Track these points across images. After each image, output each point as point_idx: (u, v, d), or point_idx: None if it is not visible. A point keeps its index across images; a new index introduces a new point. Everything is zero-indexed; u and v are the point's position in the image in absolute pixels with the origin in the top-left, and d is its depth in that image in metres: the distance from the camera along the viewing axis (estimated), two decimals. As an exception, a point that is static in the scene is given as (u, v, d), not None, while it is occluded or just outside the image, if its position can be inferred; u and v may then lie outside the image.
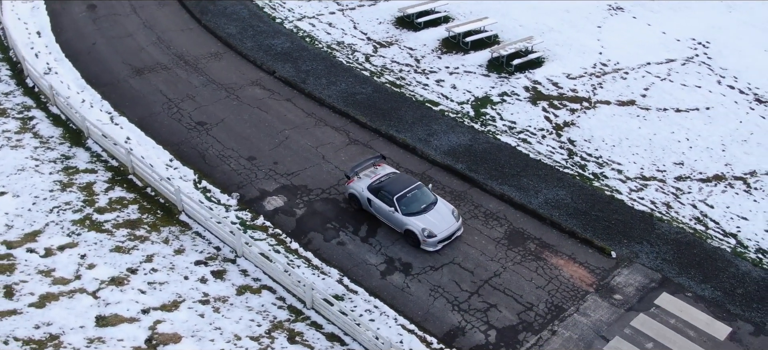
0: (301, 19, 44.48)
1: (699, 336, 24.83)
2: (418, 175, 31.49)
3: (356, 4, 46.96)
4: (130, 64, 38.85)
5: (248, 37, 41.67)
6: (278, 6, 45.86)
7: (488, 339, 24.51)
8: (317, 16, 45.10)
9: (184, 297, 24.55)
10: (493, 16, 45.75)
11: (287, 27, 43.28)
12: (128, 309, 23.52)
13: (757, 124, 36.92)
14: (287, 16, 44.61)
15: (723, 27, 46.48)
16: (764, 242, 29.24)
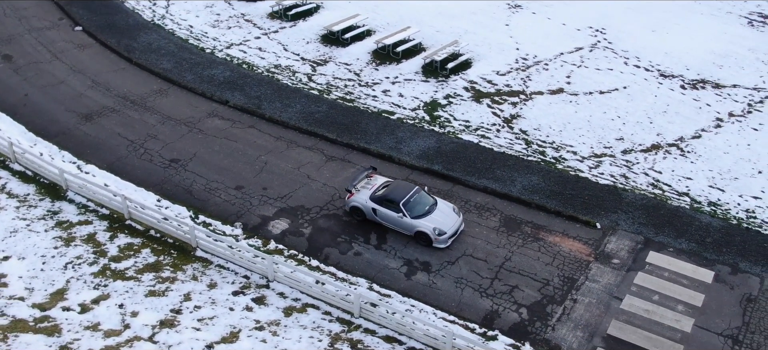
0: (229, 47, 44.96)
1: (691, 283, 28.56)
2: (402, 180, 33.31)
3: (278, 26, 47.92)
4: (75, 111, 37.95)
5: (186, 71, 41.71)
6: (202, 36, 45.98)
7: (522, 317, 26.93)
8: (244, 42, 45.72)
9: (239, 327, 25.17)
10: (408, 24, 48.24)
11: (219, 56, 43.66)
12: (192, 347, 23.88)
13: (668, 96, 41.86)
14: (215, 46, 44.93)
15: (611, 14, 51.73)
16: (712, 196, 33.70)
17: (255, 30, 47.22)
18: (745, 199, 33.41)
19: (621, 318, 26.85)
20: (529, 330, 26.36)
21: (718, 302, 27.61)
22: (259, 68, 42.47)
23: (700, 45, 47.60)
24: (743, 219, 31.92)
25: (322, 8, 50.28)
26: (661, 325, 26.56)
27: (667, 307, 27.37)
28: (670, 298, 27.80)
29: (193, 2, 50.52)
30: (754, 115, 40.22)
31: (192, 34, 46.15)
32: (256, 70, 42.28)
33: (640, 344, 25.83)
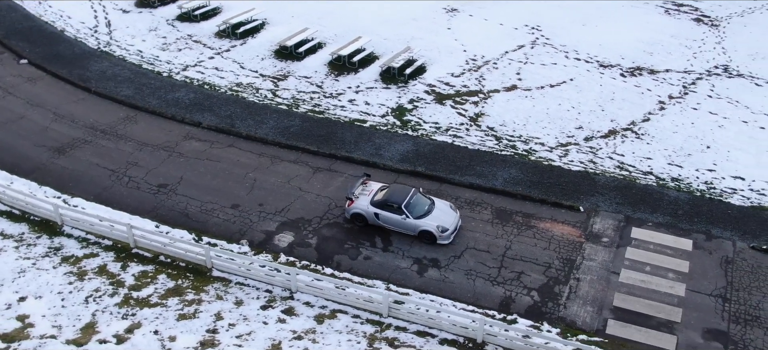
0: (185, 69, 45.02)
1: (675, 252, 31.35)
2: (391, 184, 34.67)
3: (228, 45, 48.27)
4: (45, 145, 37.29)
5: (149, 96, 41.58)
6: (154, 60, 45.78)
7: (534, 299, 28.90)
8: (199, 63, 45.85)
9: (278, 339, 25.93)
10: (354, 34, 49.58)
11: (178, 79, 43.69)
12: (240, 363, 24.50)
13: (612, 84, 45.05)
14: (170, 69, 44.88)
15: (543, 12, 54.83)
16: (672, 172, 36.82)
17: (206, 50, 47.35)
18: (701, 173, 36.65)
19: (622, 290, 29.19)
20: (543, 310, 28.28)
21: (702, 267, 30.43)
22: (222, 87, 42.77)
23: (629, 35, 51.20)
24: (705, 191, 35.07)
25: (268, 24, 50.89)
26: (658, 293, 29.08)
27: (659, 276, 29.93)
28: (661, 268, 30.40)
29: (137, 27, 50.04)
30: (690, 96, 43.86)
31: (144, 59, 45.84)
32: (219, 89, 42.56)
33: (645, 311, 28.20)
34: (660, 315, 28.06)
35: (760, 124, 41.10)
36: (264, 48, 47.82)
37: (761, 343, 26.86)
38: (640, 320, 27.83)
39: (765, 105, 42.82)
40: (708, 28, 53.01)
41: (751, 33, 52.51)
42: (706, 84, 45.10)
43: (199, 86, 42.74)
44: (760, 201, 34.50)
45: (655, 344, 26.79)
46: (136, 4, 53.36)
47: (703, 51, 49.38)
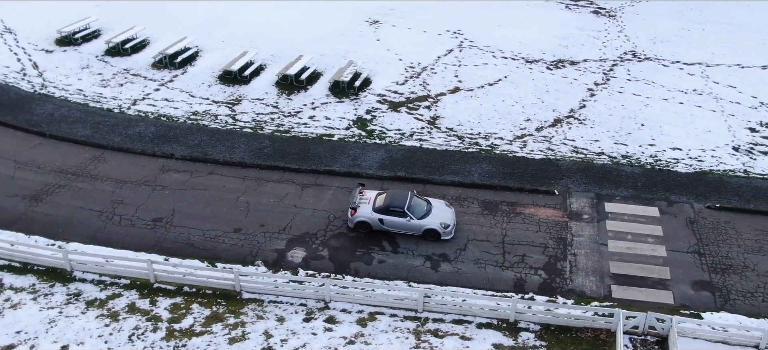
0: (134, 103, 44.83)
1: (647, 219, 35.30)
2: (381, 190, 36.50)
3: (170, 75, 48.35)
4: (18, 195, 36.45)
5: (108, 134, 41.22)
6: (99, 98, 45.11)
7: (542, 277, 31.85)
8: (146, 96, 45.74)
9: (333, 346, 27.40)
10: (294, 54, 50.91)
11: (131, 114, 43.52)
12: (310, 374, 25.83)
13: (542, 78, 49.06)
14: (119, 105, 44.53)
15: (458, 17, 58.33)
16: (620, 151, 41.00)
17: (149, 82, 47.20)
18: (645, 148, 41.04)
19: (615, 259, 32.67)
20: (554, 286, 31.24)
21: (673, 229, 34.49)
22: (179, 118, 43.02)
23: (542, 32, 55.57)
24: (653, 164, 39.40)
25: (202, 52, 51.22)
26: (645, 256, 32.78)
27: (641, 242, 33.68)
28: (639, 235, 34.19)
29: (67, 66, 49.03)
30: (612, 81, 48.54)
31: (87, 98, 45.18)
32: (177, 120, 42.80)
33: (639, 274, 31.79)
34: (653, 275, 31.67)
35: (678, 100, 46.19)
36: (206, 75, 48.20)
37: (740, 287, 31.02)
38: (638, 282, 31.29)
39: (677, 82, 48.12)
40: (607, 19, 58.32)
41: (644, 20, 58.30)
42: (622, 69, 49.95)
43: (156, 119, 42.73)
44: (700, 166, 39.15)
45: (656, 300, 30.28)
46: (56, 43, 52.05)
47: (610, 40, 54.45)
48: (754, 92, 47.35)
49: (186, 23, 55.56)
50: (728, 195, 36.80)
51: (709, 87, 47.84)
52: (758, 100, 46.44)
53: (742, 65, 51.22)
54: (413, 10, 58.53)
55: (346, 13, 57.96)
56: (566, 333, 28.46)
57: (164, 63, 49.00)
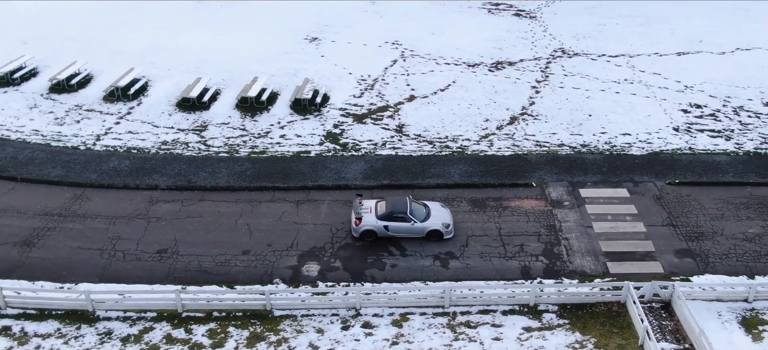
0: (98, 139, 44.36)
1: (619, 200, 38.75)
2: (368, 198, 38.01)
3: (125, 108, 48.03)
4: (7, 243, 35.57)
5: (82, 171, 40.51)
6: (59, 136, 44.14)
7: (544, 263, 34.54)
8: (108, 131, 45.28)
9: (378, 348, 29.00)
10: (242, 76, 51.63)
11: (99, 150, 43.03)
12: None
13: (488, 80, 52.13)
14: (83, 141, 43.91)
15: (394, 29, 60.62)
16: (578, 141, 44.49)
17: (106, 117, 46.73)
18: (598, 136, 44.70)
19: (603, 239, 35.80)
20: (557, 269, 33.97)
21: (644, 206, 38.07)
22: (150, 149, 43.01)
23: (474, 37, 58.74)
24: (610, 150, 43.06)
25: (151, 80, 51.03)
26: (628, 233, 36.11)
27: (621, 221, 37.02)
28: (618, 214, 37.55)
29: (12, 107, 47.74)
30: (550, 78, 52.22)
31: (46, 137, 44.29)
32: (148, 151, 42.79)
33: (627, 249, 35.04)
34: (639, 250, 34.98)
35: (614, 90, 50.34)
36: (163, 104, 48.18)
37: (715, 251, 34.81)
38: (628, 257, 34.51)
39: (608, 74, 52.38)
40: (529, 20, 62.26)
41: (563, 19, 62.63)
42: (556, 66, 53.75)
43: (126, 152, 42.53)
44: (650, 148, 43.14)
45: (648, 271, 33.56)
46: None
47: (538, 39, 58.29)
48: (677, 77, 52.17)
49: (123, 54, 55.01)
50: (682, 171, 40.81)
51: (637, 76, 52.27)
52: (682, 84, 51.22)
53: (659, 54, 56.16)
54: (347, 25, 60.25)
55: (283, 32, 58.95)
56: (582, 309, 31.11)
57: (117, 96, 48.51)
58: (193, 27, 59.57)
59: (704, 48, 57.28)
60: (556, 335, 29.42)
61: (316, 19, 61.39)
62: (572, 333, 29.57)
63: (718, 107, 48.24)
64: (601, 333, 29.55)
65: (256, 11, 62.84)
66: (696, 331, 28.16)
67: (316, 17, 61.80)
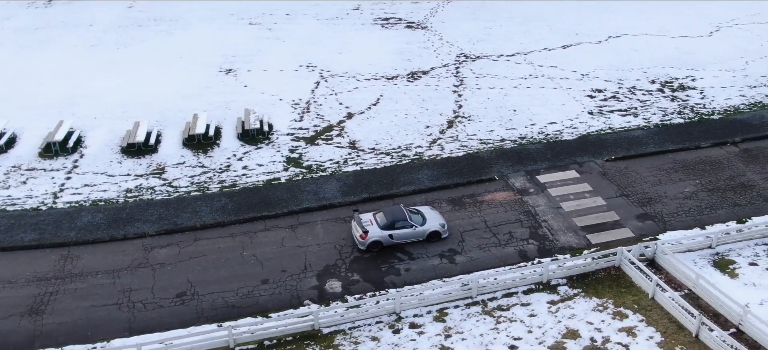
0: (57, 196, 43.30)
1: (573, 180, 43.94)
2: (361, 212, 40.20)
3: (69, 162, 46.96)
4: (14, 315, 34.50)
5: (57, 231, 39.21)
6: (9, 201, 42.35)
7: (535, 245, 38.77)
8: (62, 187, 44.18)
9: (438, 344, 31.92)
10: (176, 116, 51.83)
11: (63, 207, 41.95)
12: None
13: (411, 90, 55.84)
14: (42, 201, 42.58)
15: (304, 51, 62.58)
16: (515, 134, 49.39)
17: (53, 173, 45.42)
18: (530, 128, 49.84)
19: (577, 217, 40.69)
20: (547, 248, 38.34)
21: (596, 183, 43.50)
22: (117, 199, 42.71)
23: (379, 51, 62.17)
24: (545, 139, 48.31)
25: (83, 130, 49.97)
26: (593, 207, 41.28)
27: (582, 198, 42.16)
28: (578, 192, 42.66)
29: (-57, 177, 45.24)
30: (465, 81, 56.95)
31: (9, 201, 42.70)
32: (117, 201, 42.50)
33: (598, 222, 40.12)
34: (608, 220, 40.17)
35: (524, 86, 55.89)
36: (107, 152, 47.53)
37: (666, 211, 40.72)
38: (602, 227, 39.57)
39: (512, 71, 57.94)
40: (422, 31, 66.79)
41: (452, 26, 67.70)
42: (465, 70, 58.57)
43: (93, 205, 42.00)
44: (578, 132, 48.88)
45: (622, 236, 38.75)
46: None
47: (438, 47, 62.90)
48: (572, 67, 58.68)
49: (37, 109, 52.87)
50: (612, 148, 46.74)
51: (538, 70, 58.20)
52: (579, 73, 57.72)
53: (548, 49, 62.58)
54: (254, 54, 61.43)
55: (195, 68, 59.03)
56: (587, 278, 35.60)
57: (55, 151, 47.19)
58: (98, 73, 58.15)
59: (583, 39, 64.41)
60: (578, 303, 33.58)
61: (221, 51, 61.97)
62: (590, 298, 33.83)
63: (616, 90, 54.99)
64: (613, 294, 34.08)
65: (155, 50, 62.32)
66: (692, 277, 33.33)
67: (220, 49, 62.32)
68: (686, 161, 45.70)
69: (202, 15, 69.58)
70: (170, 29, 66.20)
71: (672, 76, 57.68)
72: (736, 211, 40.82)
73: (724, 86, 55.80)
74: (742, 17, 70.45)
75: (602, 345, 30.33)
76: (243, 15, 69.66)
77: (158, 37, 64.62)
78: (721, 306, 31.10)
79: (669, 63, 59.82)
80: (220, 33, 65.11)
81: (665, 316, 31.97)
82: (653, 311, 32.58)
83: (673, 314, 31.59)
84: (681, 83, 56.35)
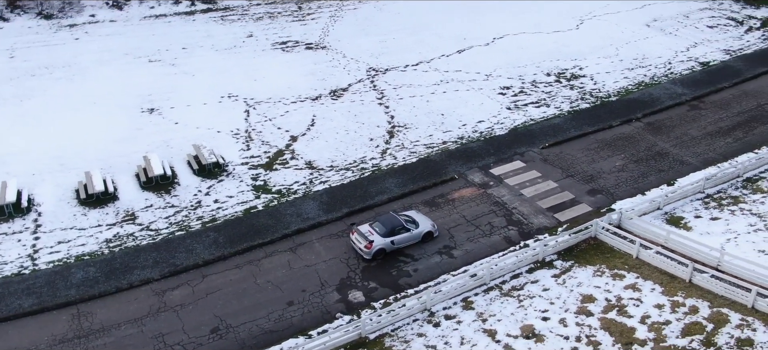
0: (33, 259, 42.34)
1: (522, 169, 49.27)
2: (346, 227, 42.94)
3: (30, 222, 45.75)
4: (51, 379, 34.66)
5: (53, 293, 38.05)
6: None
7: (515, 230, 43.51)
8: (35, 248, 43.02)
9: (480, 329, 35.85)
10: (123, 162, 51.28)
11: (45, 268, 40.59)
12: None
13: (339, 107, 59.00)
14: (20, 266, 41.39)
15: (216, 85, 63.57)
16: (454, 135, 54.13)
17: (18, 235, 43.75)
18: (464, 128, 54.79)
19: (539, 200, 46.01)
20: (526, 231, 43.30)
21: (542, 169, 49.19)
22: (101, 251, 42.25)
23: (293, 74, 64.16)
24: (481, 137, 53.49)
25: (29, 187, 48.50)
26: (549, 190, 46.82)
27: (538, 183, 47.60)
28: (531, 179, 48.08)
29: None
30: (386, 94, 60.92)
31: None
32: (102, 254, 42.05)
33: (559, 202, 45.69)
34: (565, 199, 45.88)
35: (441, 90, 60.81)
36: (65, 207, 46.49)
37: (609, 184, 47.13)
38: (563, 206, 45.19)
39: (422, 80, 62.46)
40: (323, 51, 69.93)
41: (348, 43, 71.18)
42: (381, 82, 62.55)
43: (80, 261, 41.45)
44: (505, 126, 54.50)
45: (583, 211, 44.57)
46: None
47: (345, 64, 66.31)
48: (475, 69, 64.38)
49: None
50: (541, 137, 52.71)
51: (446, 76, 63.36)
52: (482, 74, 63.56)
53: (445, 55, 68.00)
54: (169, 91, 61.04)
55: (114, 110, 57.45)
56: (573, 251, 40.83)
57: (9, 213, 45.74)
58: (11, 128, 55.44)
59: (473, 43, 70.42)
60: (577, 272, 38.70)
61: (133, 92, 61.10)
62: (585, 267, 39.06)
63: (520, 85, 61.32)
64: (602, 260, 39.54)
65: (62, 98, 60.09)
66: (663, 234, 39.46)
67: (132, 90, 61.29)
68: (606, 139, 52.44)
69: (93, 58, 68.01)
70: (67, 75, 64.32)
71: (561, 67, 64.86)
72: (663, 176, 47.84)
73: (608, 71, 63.80)
74: (596, 10, 79.82)
75: (618, 302, 35.40)
76: (138, 54, 68.93)
77: (59, 84, 62.66)
78: (696, 254, 37.23)
79: (553, 56, 67.08)
80: (123, 74, 64.26)
81: (656, 270, 37.66)
82: (643, 268, 38.21)
83: (661, 267, 37.27)
84: (572, 73, 63.64)
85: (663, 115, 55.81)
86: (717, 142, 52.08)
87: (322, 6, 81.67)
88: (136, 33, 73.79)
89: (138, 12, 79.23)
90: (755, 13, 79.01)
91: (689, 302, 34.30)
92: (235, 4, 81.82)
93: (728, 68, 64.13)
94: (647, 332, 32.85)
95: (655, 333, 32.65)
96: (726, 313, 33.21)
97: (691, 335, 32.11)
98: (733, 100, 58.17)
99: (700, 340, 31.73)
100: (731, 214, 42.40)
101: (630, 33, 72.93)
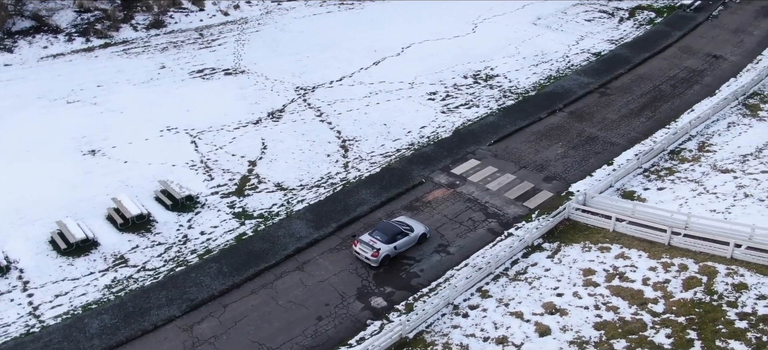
0: (37, 316, 41.71)
1: (479, 166, 54.03)
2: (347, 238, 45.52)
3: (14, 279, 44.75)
4: None
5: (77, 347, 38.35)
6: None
7: (497, 222, 48.17)
8: (32, 305, 42.09)
9: (506, 312, 39.96)
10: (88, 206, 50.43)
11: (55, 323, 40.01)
12: None
13: (288, 128, 61.07)
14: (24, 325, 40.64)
15: (152, 119, 63.26)
16: (404, 142, 57.89)
17: (7, 295, 42.99)
18: (410, 136, 58.60)
19: (505, 192, 50.80)
20: (508, 222, 47.84)
21: (496, 164, 54.07)
22: (107, 298, 42.12)
23: (224, 100, 64.58)
24: (430, 141, 57.64)
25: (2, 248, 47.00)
26: (510, 182, 51.69)
27: (498, 177, 52.31)
28: (491, 174, 52.79)
29: None
30: (324, 111, 63.61)
31: None
32: (109, 300, 42.01)
33: (522, 191, 50.67)
34: (528, 189, 50.95)
35: (375, 101, 64.29)
36: (46, 259, 45.40)
37: (560, 169, 52.76)
38: (528, 195, 50.21)
39: (353, 93, 65.43)
40: (243, 74, 71.25)
41: (264, 65, 72.55)
42: (315, 100, 65.14)
43: (89, 311, 41.22)
44: (447, 129, 58.96)
45: (547, 197, 49.80)
46: None
47: (274, 86, 68.06)
48: (398, 79, 68.29)
49: None
50: (484, 135, 57.62)
51: (372, 88, 66.80)
52: (405, 83, 67.69)
53: (364, 68, 71.47)
54: (104, 129, 59.57)
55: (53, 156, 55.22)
56: (554, 232, 45.78)
57: (-11, 274, 44.31)
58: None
59: (385, 54, 74.32)
60: (567, 251, 43.65)
61: (66, 135, 59.07)
62: (571, 245, 44.09)
63: (445, 90, 65.98)
64: (583, 237, 44.73)
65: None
66: (630, 207, 45.28)
67: (63, 133, 59.02)
68: (541, 131, 58.11)
69: (4, 104, 65.26)
70: (-17, 126, 61.56)
71: (474, 69, 70.23)
72: (600, 157, 54.04)
73: (517, 69, 69.89)
74: (484, 13, 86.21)
75: (615, 271, 40.55)
76: (52, 96, 66.81)
77: (-23, 137, 59.93)
78: (664, 221, 43.17)
79: (463, 60, 72.37)
80: (45, 117, 62.30)
81: (635, 240, 43.21)
82: (622, 239, 43.69)
83: (638, 236, 42.86)
84: (486, 74, 69.14)
85: (580, 104, 62.29)
86: (633, 122, 59.10)
87: (223, 31, 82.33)
88: (39, 75, 71.27)
89: (32, 53, 76.24)
90: (621, 4, 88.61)
91: (676, 261, 39.92)
92: (133, 36, 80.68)
93: (617, 56, 72.16)
94: (653, 291, 38.03)
95: (661, 292, 37.92)
96: (712, 266, 39.11)
97: (693, 287, 37.64)
98: (632, 84, 65.85)
99: (702, 291, 37.30)
100: (672, 183, 48.95)
101: (522, 32, 79.66)
